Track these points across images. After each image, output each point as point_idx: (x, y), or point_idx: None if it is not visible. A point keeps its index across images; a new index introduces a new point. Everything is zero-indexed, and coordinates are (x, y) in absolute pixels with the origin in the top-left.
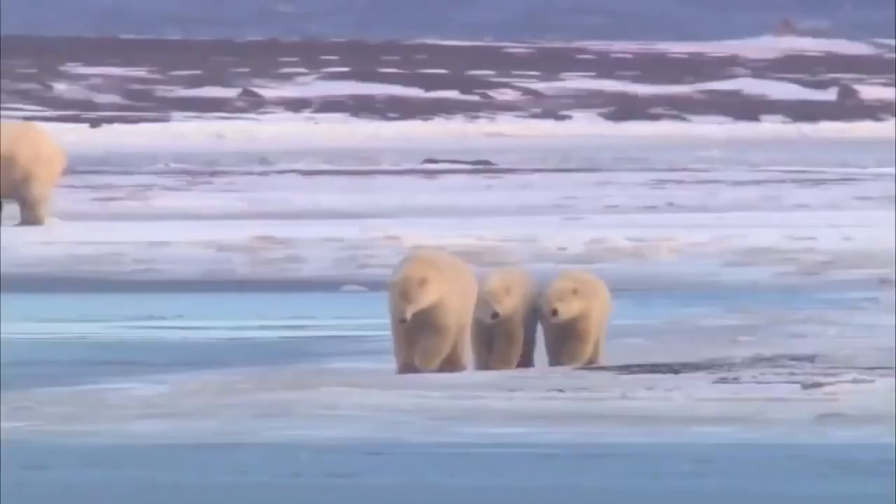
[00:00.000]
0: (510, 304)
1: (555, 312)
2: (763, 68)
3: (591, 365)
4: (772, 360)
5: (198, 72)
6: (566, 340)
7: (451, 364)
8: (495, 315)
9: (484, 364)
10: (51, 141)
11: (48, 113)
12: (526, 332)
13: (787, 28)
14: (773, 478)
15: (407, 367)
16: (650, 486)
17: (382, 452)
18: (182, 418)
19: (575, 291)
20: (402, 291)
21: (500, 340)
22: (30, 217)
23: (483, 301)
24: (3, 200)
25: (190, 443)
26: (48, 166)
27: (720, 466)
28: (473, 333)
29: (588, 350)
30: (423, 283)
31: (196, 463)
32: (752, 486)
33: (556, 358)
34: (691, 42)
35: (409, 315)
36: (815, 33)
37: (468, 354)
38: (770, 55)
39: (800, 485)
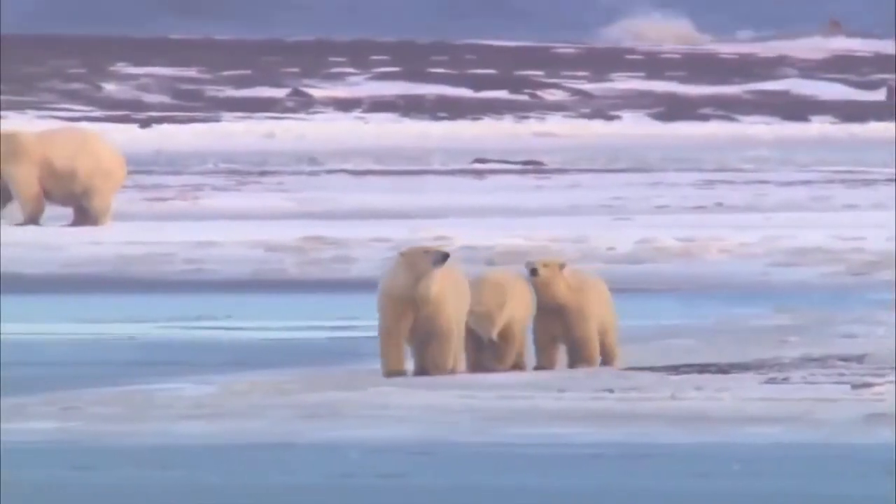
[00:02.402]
0: (503, 320)
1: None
2: (812, 69)
3: (576, 367)
4: (821, 361)
5: (247, 72)
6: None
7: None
8: (490, 340)
9: (475, 365)
10: (112, 151)
11: (97, 113)
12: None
13: (836, 28)
14: (822, 478)
15: (394, 371)
16: (699, 487)
17: (431, 453)
18: (230, 419)
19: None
20: (425, 248)
21: (494, 343)
22: (87, 223)
23: (479, 316)
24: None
25: (238, 443)
26: (108, 178)
27: (769, 467)
28: (465, 335)
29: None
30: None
31: (245, 463)
32: (801, 486)
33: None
34: (740, 43)
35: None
36: (863, 34)
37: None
38: (819, 55)
39: (849, 485)
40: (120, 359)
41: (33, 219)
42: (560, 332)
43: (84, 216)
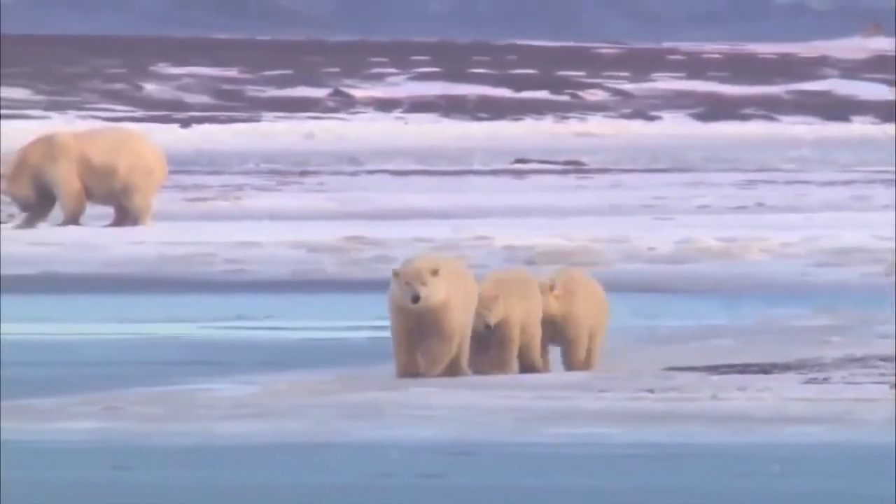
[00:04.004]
0: (500, 313)
1: (487, 326)
2: (853, 69)
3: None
4: (862, 361)
5: (288, 72)
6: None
7: (452, 369)
8: (487, 327)
9: (478, 368)
10: (153, 150)
11: (138, 113)
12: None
13: (876, 29)
14: (863, 478)
15: (408, 372)
16: (740, 487)
17: (472, 453)
18: (271, 419)
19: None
20: (414, 276)
21: (496, 345)
22: (128, 223)
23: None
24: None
25: (279, 443)
26: (149, 177)
27: (810, 467)
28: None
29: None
30: (434, 272)
31: (285, 463)
32: (842, 486)
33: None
34: (781, 43)
35: (422, 294)
36: None
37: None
38: (860, 56)
39: (890, 485)
40: (161, 359)
41: (74, 217)
42: (549, 336)
43: (125, 215)
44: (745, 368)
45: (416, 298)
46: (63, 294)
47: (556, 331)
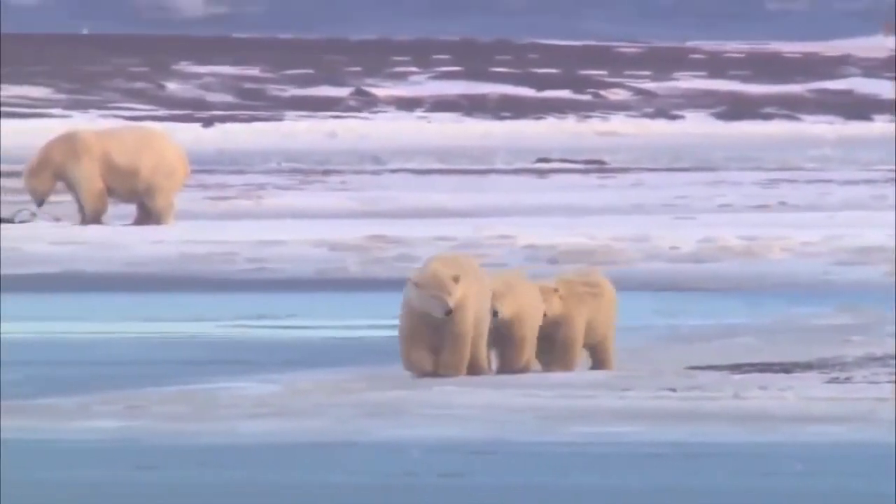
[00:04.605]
0: (512, 306)
1: (495, 313)
2: (874, 68)
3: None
4: (883, 360)
5: (310, 71)
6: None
7: (471, 368)
8: (495, 314)
9: (502, 368)
10: (175, 149)
11: (160, 112)
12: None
13: (890, 30)
14: (885, 478)
15: (422, 372)
16: (762, 486)
17: (494, 451)
18: (294, 417)
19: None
20: (438, 286)
21: (508, 344)
22: (150, 222)
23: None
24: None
25: (301, 442)
26: (171, 177)
27: (832, 466)
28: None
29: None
30: (456, 279)
31: (307, 462)
32: (864, 485)
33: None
34: (803, 42)
35: (452, 305)
36: None
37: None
38: (881, 55)
39: None
40: (183, 358)
41: (96, 216)
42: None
43: (147, 214)
44: (766, 367)
45: (448, 311)
46: (85, 293)
47: (554, 331)
